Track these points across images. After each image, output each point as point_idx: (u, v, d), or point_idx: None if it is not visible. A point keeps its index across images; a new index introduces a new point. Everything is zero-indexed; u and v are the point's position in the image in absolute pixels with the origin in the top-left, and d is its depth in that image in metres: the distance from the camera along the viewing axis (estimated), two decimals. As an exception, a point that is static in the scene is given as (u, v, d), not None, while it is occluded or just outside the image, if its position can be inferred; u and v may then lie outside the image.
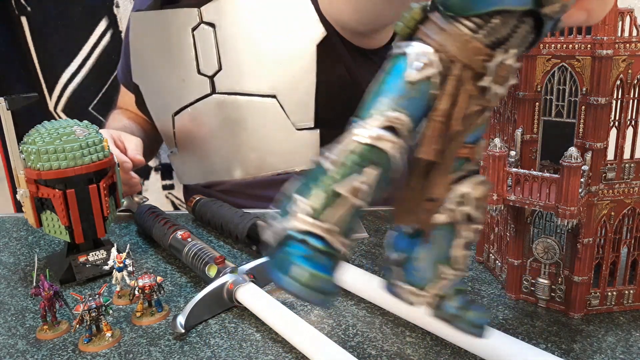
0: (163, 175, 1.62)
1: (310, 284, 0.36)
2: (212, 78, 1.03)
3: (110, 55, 1.48)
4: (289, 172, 1.06)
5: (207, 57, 1.03)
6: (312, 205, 0.37)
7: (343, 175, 0.37)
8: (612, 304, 0.63)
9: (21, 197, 0.71)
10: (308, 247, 0.37)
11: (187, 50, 1.04)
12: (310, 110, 1.01)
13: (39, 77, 1.51)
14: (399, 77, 0.37)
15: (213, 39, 1.02)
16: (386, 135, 0.36)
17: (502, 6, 0.36)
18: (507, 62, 0.38)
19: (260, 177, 1.06)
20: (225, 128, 1.05)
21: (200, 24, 1.03)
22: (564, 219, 0.55)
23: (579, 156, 0.54)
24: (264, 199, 1.07)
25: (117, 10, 1.45)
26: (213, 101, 1.04)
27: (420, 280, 0.45)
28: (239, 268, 0.66)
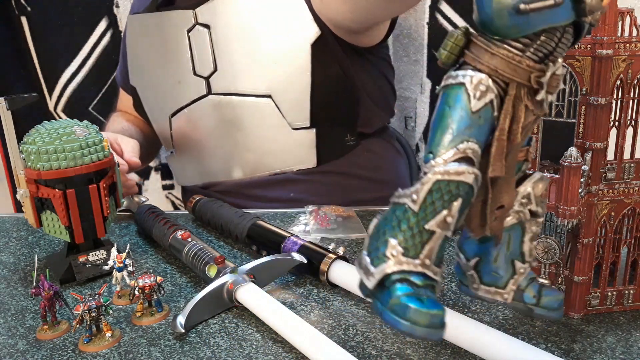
0: (163, 175, 1.62)
1: (432, 324, 0.38)
2: (207, 79, 1.04)
3: (110, 55, 1.48)
4: (285, 171, 1.06)
5: (203, 59, 1.03)
6: (406, 246, 0.39)
7: (432, 213, 0.39)
8: (612, 304, 0.63)
9: (21, 197, 0.71)
10: (412, 285, 0.39)
11: (183, 51, 1.04)
12: (305, 109, 1.01)
13: (39, 77, 1.51)
14: (462, 108, 0.39)
15: (208, 40, 1.02)
16: (466, 169, 0.38)
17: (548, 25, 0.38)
18: (557, 72, 0.40)
19: (257, 177, 1.07)
20: (221, 129, 1.05)
21: (195, 25, 1.03)
22: (564, 219, 0.55)
23: (579, 156, 0.54)
24: (261, 199, 1.07)
25: (117, 10, 1.45)
26: (209, 102, 1.04)
27: (499, 279, 0.48)
28: (239, 268, 0.66)
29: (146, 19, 1.11)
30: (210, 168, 1.10)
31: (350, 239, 0.85)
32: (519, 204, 0.46)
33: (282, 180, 1.06)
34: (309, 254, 0.71)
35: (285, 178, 1.06)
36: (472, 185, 0.39)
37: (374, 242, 0.41)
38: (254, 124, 1.03)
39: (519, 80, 0.39)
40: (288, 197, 1.06)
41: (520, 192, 0.46)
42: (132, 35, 1.14)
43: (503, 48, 0.38)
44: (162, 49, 1.08)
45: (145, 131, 1.20)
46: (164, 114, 1.10)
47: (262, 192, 1.07)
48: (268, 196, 1.07)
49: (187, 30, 1.04)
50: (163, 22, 1.07)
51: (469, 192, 0.39)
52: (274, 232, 0.78)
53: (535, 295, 0.49)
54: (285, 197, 1.06)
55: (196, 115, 1.06)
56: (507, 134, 0.40)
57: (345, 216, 0.91)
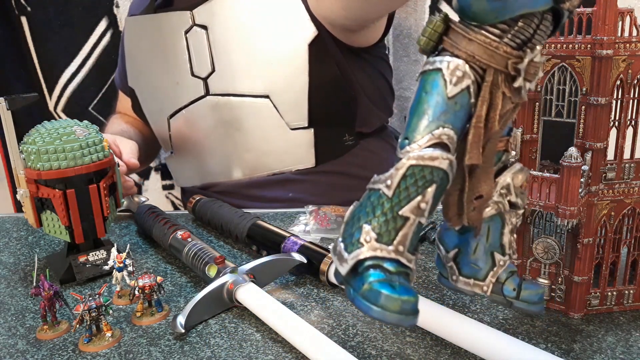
0: (163, 175, 1.62)
1: (403, 310, 0.38)
2: (205, 80, 1.04)
3: (110, 55, 1.48)
4: (284, 171, 1.06)
5: (201, 59, 1.03)
6: (379, 232, 0.38)
7: (406, 199, 0.38)
8: (612, 304, 0.63)
9: (21, 197, 0.71)
10: (385, 272, 0.38)
11: (181, 53, 1.05)
12: (303, 109, 1.01)
13: (39, 77, 1.51)
14: (438, 93, 0.39)
15: (206, 41, 1.02)
16: (440, 154, 0.38)
17: (526, 10, 0.37)
18: (536, 59, 0.39)
19: (256, 178, 1.07)
20: (219, 129, 1.05)
21: (192, 26, 1.03)
22: (564, 219, 0.55)
23: (579, 156, 0.54)
24: (260, 199, 1.07)
25: (117, 10, 1.45)
26: (207, 103, 1.04)
27: (478, 271, 0.48)
28: (239, 268, 0.66)
29: (144, 21, 1.11)
30: (209, 169, 1.10)
31: (350, 239, 0.85)
32: (498, 194, 0.46)
33: (281, 180, 1.06)
34: (309, 254, 0.71)
35: (284, 178, 1.06)
36: (447, 172, 0.38)
37: (349, 228, 0.40)
38: (253, 125, 1.03)
39: (496, 66, 0.39)
40: (287, 197, 1.06)
41: (500, 182, 0.45)
42: (130, 37, 1.14)
43: (480, 34, 0.38)
44: (160, 51, 1.08)
45: (145, 133, 1.20)
46: (162, 115, 1.10)
47: (261, 192, 1.07)
48: (267, 196, 1.07)
49: (184, 32, 1.04)
50: (161, 24, 1.07)
51: (443, 178, 0.39)
52: (274, 232, 0.78)
53: (515, 288, 0.48)
54: (284, 197, 1.06)
55: (194, 116, 1.06)
56: (484, 121, 0.40)
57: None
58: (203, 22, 1.02)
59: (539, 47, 0.40)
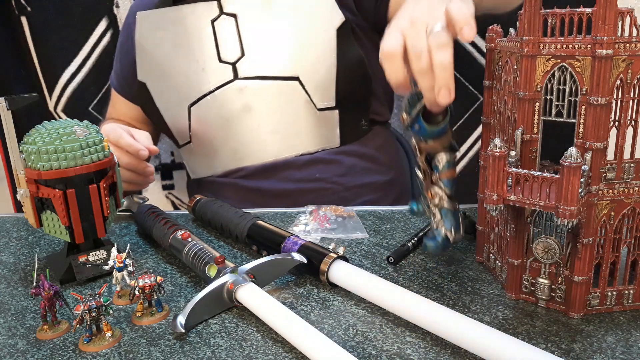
0: (163, 176, 1.61)
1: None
2: (234, 64, 1.07)
3: (110, 55, 1.48)
4: (311, 152, 1.09)
5: (229, 45, 1.07)
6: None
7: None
8: (612, 304, 0.63)
9: (21, 197, 0.71)
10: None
11: (207, 40, 1.08)
12: (331, 89, 1.06)
13: (39, 77, 1.51)
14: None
15: (235, 28, 1.07)
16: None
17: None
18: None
19: (282, 159, 1.08)
20: (246, 113, 1.07)
21: (220, 15, 1.07)
22: (564, 219, 0.55)
23: (579, 156, 0.54)
24: (287, 179, 1.09)
25: (117, 10, 1.45)
26: (235, 87, 1.07)
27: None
28: (239, 268, 0.66)
29: (162, 14, 1.12)
30: (234, 154, 1.11)
31: (350, 239, 0.85)
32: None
33: (308, 161, 1.09)
34: (309, 254, 0.71)
35: (310, 159, 1.09)
36: None
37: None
38: (280, 106, 1.07)
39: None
40: (313, 177, 1.09)
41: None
42: (143, 32, 1.14)
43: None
44: (182, 41, 1.10)
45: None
46: (181, 105, 1.11)
47: (289, 173, 1.09)
48: (295, 176, 1.09)
49: (211, 20, 1.07)
50: (183, 15, 1.10)
51: None
52: (274, 232, 0.78)
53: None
54: (311, 177, 1.09)
55: (220, 101, 1.08)
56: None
57: (345, 216, 0.91)
58: (232, 10, 1.07)
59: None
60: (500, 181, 0.59)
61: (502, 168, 0.58)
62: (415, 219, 0.92)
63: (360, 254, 0.80)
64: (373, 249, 0.81)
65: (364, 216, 0.93)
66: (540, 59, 0.59)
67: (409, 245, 0.79)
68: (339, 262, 0.69)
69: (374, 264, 0.76)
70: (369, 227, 0.89)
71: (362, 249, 0.81)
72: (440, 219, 0.67)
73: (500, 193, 0.59)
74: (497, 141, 0.58)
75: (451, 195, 0.66)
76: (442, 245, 0.66)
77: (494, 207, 0.59)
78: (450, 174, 0.66)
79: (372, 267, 0.75)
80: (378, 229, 0.88)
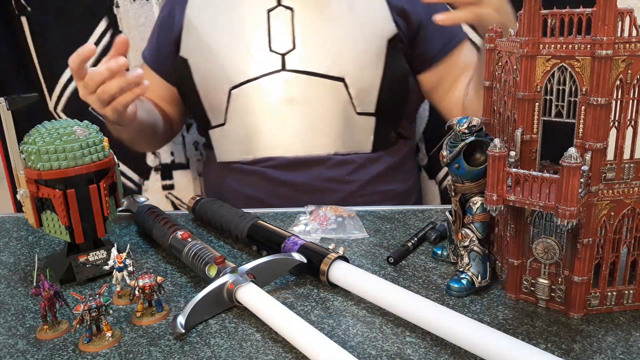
0: (163, 176, 1.61)
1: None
2: (284, 56, 1.08)
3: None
4: (342, 153, 1.10)
5: (281, 37, 1.08)
6: None
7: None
8: (612, 304, 0.63)
9: (21, 197, 0.71)
10: None
11: (260, 28, 1.09)
12: (373, 96, 1.09)
13: (39, 77, 1.50)
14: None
15: (290, 21, 1.09)
16: None
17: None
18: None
19: (314, 155, 1.10)
20: (287, 105, 1.09)
21: (278, 6, 1.09)
22: (564, 219, 0.55)
23: (578, 156, 0.54)
24: (317, 177, 1.09)
25: (117, 10, 1.45)
26: (281, 78, 1.08)
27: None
28: (239, 268, 0.66)
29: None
30: (268, 142, 1.11)
31: (350, 239, 0.85)
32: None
33: (340, 161, 1.10)
34: (309, 254, 0.71)
35: (341, 160, 1.10)
36: None
37: None
38: (321, 104, 1.08)
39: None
40: (341, 178, 1.10)
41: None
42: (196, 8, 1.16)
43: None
44: (234, 25, 1.11)
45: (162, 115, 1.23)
46: (222, 86, 1.12)
47: (318, 170, 1.10)
48: (323, 175, 1.10)
49: (267, 10, 1.09)
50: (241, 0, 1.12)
51: None
52: (274, 232, 0.78)
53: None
54: (338, 177, 1.10)
55: (264, 89, 1.09)
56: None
57: (345, 216, 0.91)
58: (289, 4, 1.09)
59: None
60: (500, 181, 0.59)
61: (502, 168, 0.58)
62: (415, 219, 0.92)
63: (360, 254, 0.80)
64: (373, 249, 0.81)
65: (364, 216, 0.93)
66: (540, 59, 0.59)
67: (409, 245, 0.79)
68: (339, 262, 0.69)
69: (374, 264, 0.76)
70: (369, 227, 0.89)
71: (362, 249, 0.81)
72: (467, 263, 0.67)
73: (500, 193, 0.59)
74: (497, 141, 0.58)
75: (482, 239, 0.67)
76: (467, 289, 0.67)
77: (494, 208, 0.59)
78: (484, 218, 0.67)
79: (372, 267, 0.76)
80: (378, 229, 0.88)
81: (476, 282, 0.67)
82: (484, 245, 0.68)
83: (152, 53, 1.25)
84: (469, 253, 0.67)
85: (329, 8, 1.09)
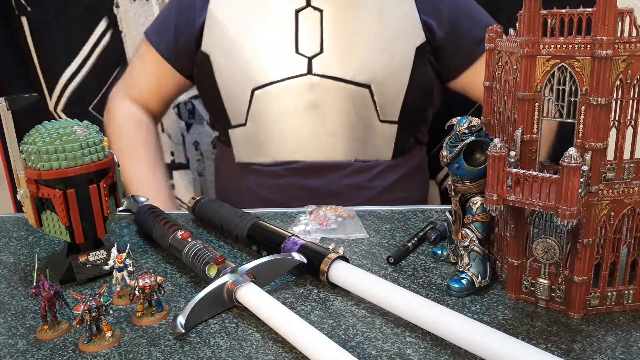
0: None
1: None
2: (310, 59, 1.06)
3: (110, 55, 1.48)
4: (363, 160, 1.10)
5: (309, 39, 1.06)
6: None
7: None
8: (612, 304, 0.63)
9: (21, 197, 0.71)
10: None
11: (287, 29, 1.07)
12: (397, 105, 1.08)
13: (39, 77, 1.51)
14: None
15: (318, 23, 1.06)
16: None
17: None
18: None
19: (336, 161, 1.09)
20: (311, 109, 1.07)
21: (307, 7, 1.06)
22: (564, 219, 0.55)
23: (578, 156, 0.54)
24: (336, 182, 1.09)
25: (117, 10, 1.45)
26: (307, 81, 1.06)
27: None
28: (239, 268, 0.66)
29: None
30: (289, 146, 1.10)
31: (350, 239, 0.85)
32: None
33: (360, 168, 1.10)
34: (309, 254, 0.71)
35: (362, 166, 1.10)
36: None
37: None
38: (346, 110, 1.07)
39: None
40: (361, 185, 1.10)
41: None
42: (220, 3, 1.12)
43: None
44: (261, 23, 1.08)
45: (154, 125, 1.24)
46: (246, 86, 1.09)
47: (338, 175, 1.09)
48: (344, 181, 1.10)
49: (296, 10, 1.06)
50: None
51: None
52: (274, 232, 0.78)
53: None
54: (359, 184, 1.10)
55: (288, 92, 1.07)
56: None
57: (345, 216, 0.91)
58: (319, 4, 1.06)
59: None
60: (500, 181, 0.59)
61: (502, 168, 0.58)
62: (415, 219, 0.92)
63: (360, 254, 0.80)
64: (373, 249, 0.81)
65: (364, 216, 0.93)
66: (540, 59, 0.59)
67: (409, 245, 0.79)
68: (339, 262, 0.69)
69: (374, 264, 0.76)
70: (369, 227, 0.89)
71: (362, 249, 0.81)
72: (467, 263, 0.67)
73: (500, 193, 0.59)
74: (497, 141, 0.58)
75: (482, 239, 0.67)
76: (467, 289, 0.67)
77: (494, 208, 0.59)
78: (484, 218, 0.67)
79: (372, 267, 0.75)
80: (378, 229, 0.88)
81: (476, 282, 0.67)
82: (484, 245, 0.67)
83: (164, 40, 1.19)
84: (469, 253, 0.67)
85: (359, 11, 1.06)
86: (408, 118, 1.10)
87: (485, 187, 0.61)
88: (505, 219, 0.66)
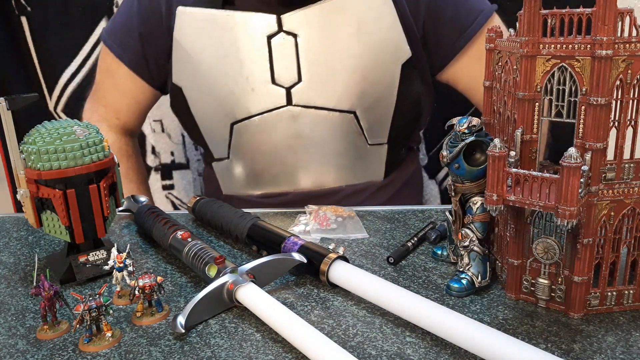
0: (163, 176, 1.61)
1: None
2: (289, 90, 1.01)
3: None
4: (354, 184, 1.07)
5: (285, 68, 1.00)
6: None
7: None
8: (612, 304, 0.63)
9: (21, 197, 0.71)
10: None
11: (260, 58, 1.00)
12: (386, 127, 1.04)
13: (39, 77, 1.50)
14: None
15: (294, 49, 0.99)
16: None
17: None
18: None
19: (327, 189, 1.07)
20: (295, 140, 1.04)
21: (279, 32, 0.99)
22: (564, 219, 0.55)
23: (578, 156, 0.54)
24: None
25: (117, 11, 1.45)
26: (287, 113, 1.02)
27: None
28: (239, 268, 0.66)
29: (210, 16, 1.02)
30: (276, 178, 1.08)
31: (350, 239, 0.85)
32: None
33: (352, 193, 1.08)
34: (309, 254, 0.71)
35: (354, 191, 1.08)
36: None
37: None
38: (332, 138, 1.04)
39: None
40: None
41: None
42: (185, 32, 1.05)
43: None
44: (230, 52, 1.02)
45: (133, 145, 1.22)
46: (223, 120, 1.05)
47: (330, 201, 1.07)
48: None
49: (268, 36, 1.00)
50: (235, 23, 1.01)
51: None
52: (274, 232, 0.78)
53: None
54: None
55: (270, 124, 1.03)
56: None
57: (345, 216, 0.91)
58: (292, 29, 0.99)
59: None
60: (500, 181, 0.59)
61: (502, 168, 0.58)
62: (415, 219, 0.92)
63: (360, 254, 0.80)
64: (373, 249, 0.81)
65: (364, 216, 0.93)
66: (540, 59, 0.59)
67: (409, 245, 0.79)
68: (339, 262, 0.69)
69: (374, 264, 0.76)
70: (369, 227, 0.89)
71: (362, 249, 0.81)
72: (467, 263, 0.67)
73: (500, 193, 0.59)
74: (497, 141, 0.58)
75: (482, 239, 0.67)
76: (467, 289, 0.67)
77: (494, 207, 0.59)
78: (484, 218, 0.67)
79: (372, 267, 0.75)
80: (378, 229, 0.88)
81: (476, 282, 0.67)
82: (484, 245, 0.67)
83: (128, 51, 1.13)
84: (469, 253, 0.67)
85: (337, 31, 0.99)
86: (398, 136, 1.07)
87: (485, 187, 0.61)
88: (505, 219, 0.66)
